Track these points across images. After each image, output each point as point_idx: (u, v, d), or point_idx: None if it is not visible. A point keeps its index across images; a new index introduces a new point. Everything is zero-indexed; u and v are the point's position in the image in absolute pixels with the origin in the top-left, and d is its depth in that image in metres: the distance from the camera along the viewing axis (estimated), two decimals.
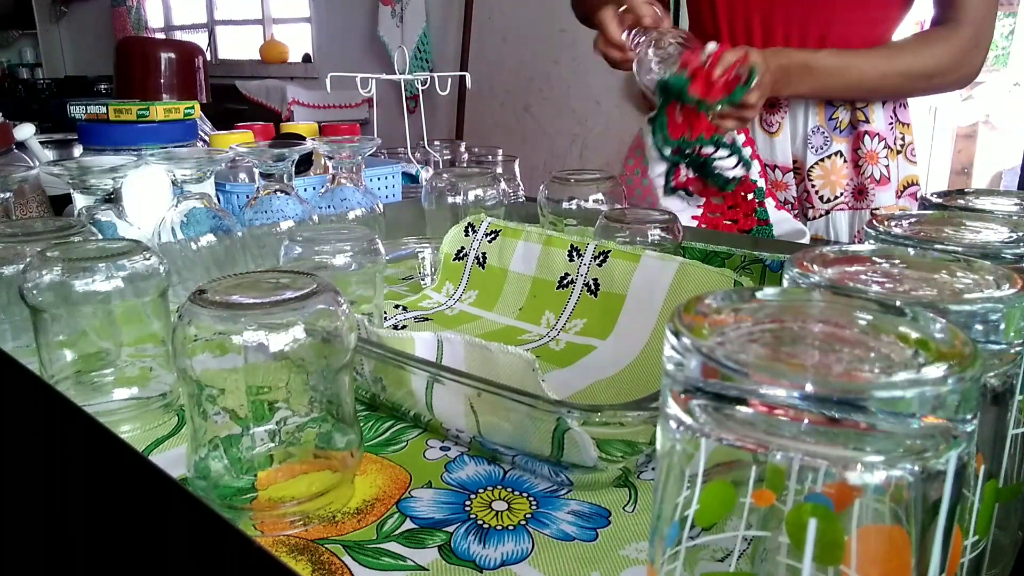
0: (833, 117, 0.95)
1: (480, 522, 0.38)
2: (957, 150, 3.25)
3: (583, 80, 2.79)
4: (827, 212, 0.96)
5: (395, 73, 1.17)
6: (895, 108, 0.97)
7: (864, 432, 0.17)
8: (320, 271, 0.53)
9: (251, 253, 0.72)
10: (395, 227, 0.86)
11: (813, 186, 0.96)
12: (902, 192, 0.98)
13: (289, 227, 0.73)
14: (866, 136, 0.95)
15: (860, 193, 0.96)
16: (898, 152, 0.98)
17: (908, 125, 1.00)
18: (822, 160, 0.96)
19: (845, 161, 0.96)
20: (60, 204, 0.90)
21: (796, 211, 0.98)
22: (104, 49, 4.23)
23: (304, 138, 1.08)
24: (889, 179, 0.97)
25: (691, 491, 0.20)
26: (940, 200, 0.40)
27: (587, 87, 2.78)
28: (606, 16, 0.90)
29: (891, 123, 0.97)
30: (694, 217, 0.89)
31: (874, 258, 0.29)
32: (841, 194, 0.96)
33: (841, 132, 0.96)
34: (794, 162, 0.97)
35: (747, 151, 0.88)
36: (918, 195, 0.99)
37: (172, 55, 1.66)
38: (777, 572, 0.20)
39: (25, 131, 1.04)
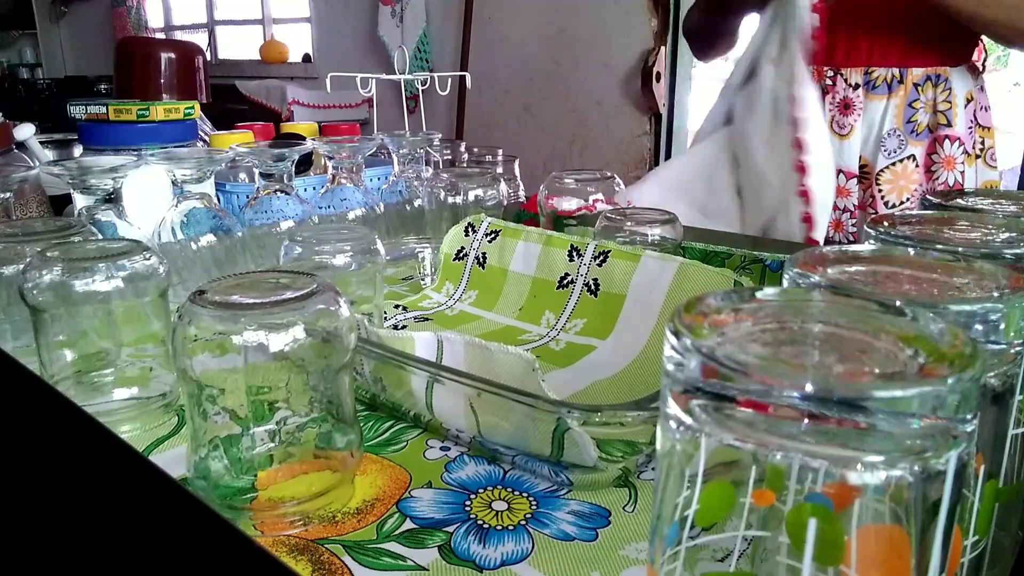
0: (912, 120, 0.92)
1: (480, 522, 0.38)
2: None
3: (583, 80, 2.79)
4: None
5: (395, 73, 1.17)
6: (976, 111, 0.95)
7: (864, 432, 0.17)
8: (320, 271, 0.53)
9: (251, 253, 0.72)
10: (395, 227, 0.86)
11: (880, 191, 0.93)
12: None
13: (289, 227, 0.73)
14: (946, 140, 0.92)
15: None
16: (977, 157, 0.95)
17: (989, 129, 0.97)
18: (893, 164, 0.93)
19: (917, 166, 0.93)
20: (60, 204, 0.90)
21: (853, 220, 0.95)
22: (104, 49, 4.23)
23: (304, 138, 1.08)
24: (963, 186, 0.94)
25: (691, 491, 0.20)
26: (940, 200, 0.40)
27: (587, 87, 2.78)
28: None
29: (971, 127, 0.94)
30: None
31: (874, 258, 0.29)
32: (908, 199, 0.93)
33: (918, 136, 0.93)
34: (862, 166, 0.94)
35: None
36: None
37: (172, 55, 1.66)
38: (777, 572, 0.20)
39: (25, 131, 1.04)
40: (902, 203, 0.94)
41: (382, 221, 0.84)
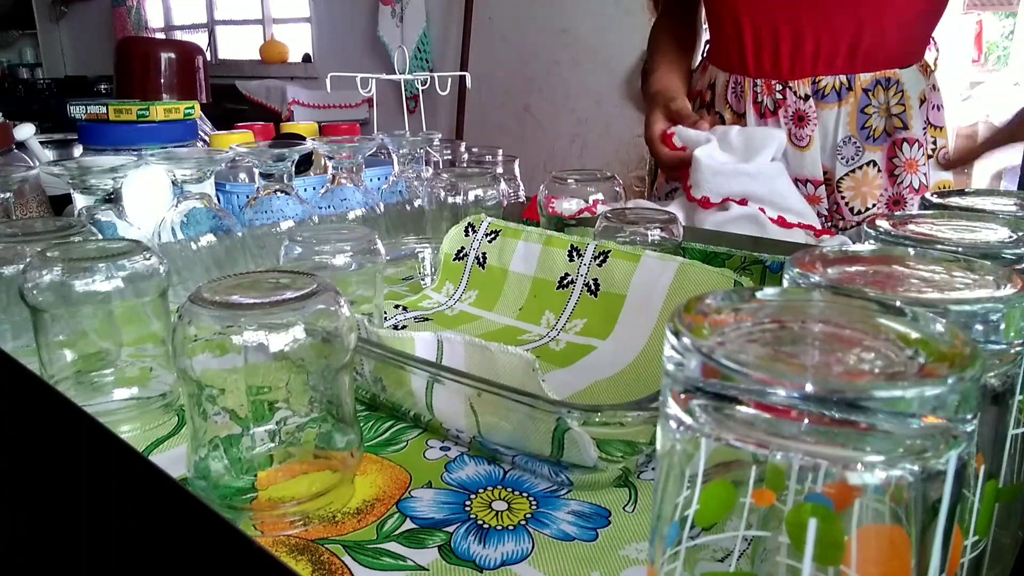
0: (866, 126, 0.92)
1: (480, 522, 0.38)
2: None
3: (583, 80, 2.79)
4: (858, 224, 0.94)
5: (395, 73, 1.17)
6: (928, 111, 0.95)
7: (864, 432, 0.17)
8: (320, 271, 0.53)
9: (251, 253, 0.72)
10: (395, 227, 0.86)
11: (843, 197, 0.94)
12: None
13: (289, 227, 0.73)
14: (904, 144, 0.92)
15: (896, 204, 0.93)
16: (929, 156, 0.95)
17: (941, 129, 0.96)
18: (853, 171, 0.93)
19: (879, 171, 0.93)
20: (60, 204, 0.90)
21: (829, 223, 0.96)
22: (104, 49, 4.23)
23: (304, 138, 1.08)
24: (928, 187, 0.94)
25: (691, 491, 0.20)
26: (940, 200, 0.40)
27: (587, 87, 2.78)
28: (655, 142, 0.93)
29: (924, 127, 0.94)
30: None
31: (874, 258, 0.29)
32: (874, 205, 0.93)
33: (875, 141, 0.93)
34: (824, 174, 0.94)
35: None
36: None
37: (172, 55, 1.66)
38: (777, 572, 0.20)
39: (25, 131, 1.04)
40: (867, 209, 0.94)
41: (382, 221, 0.84)
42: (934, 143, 0.96)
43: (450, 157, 1.12)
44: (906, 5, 0.90)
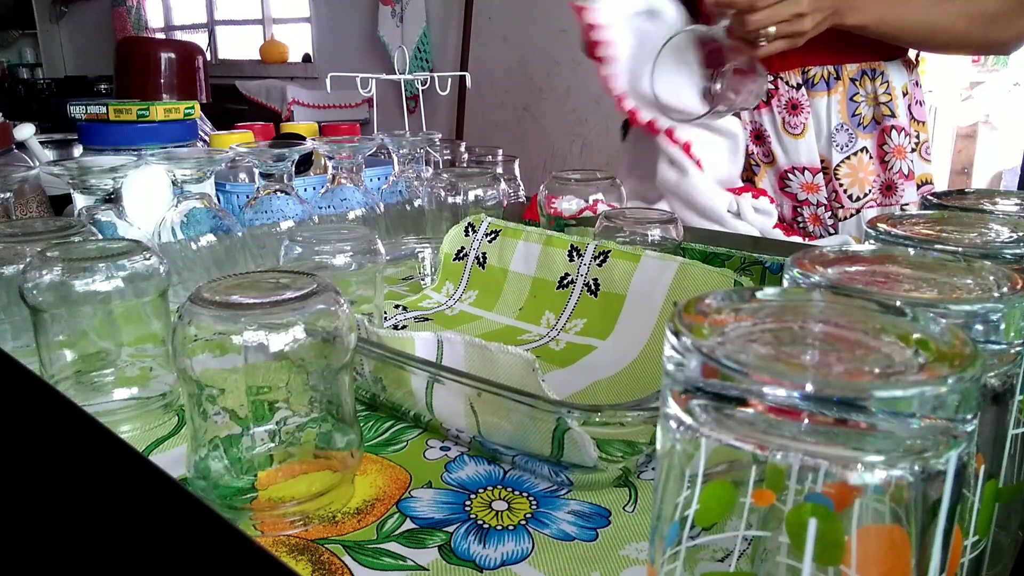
0: (856, 113, 0.95)
1: (480, 522, 0.38)
2: (957, 150, 3.25)
3: (583, 80, 2.79)
4: (857, 211, 0.96)
5: (395, 73, 1.17)
6: (910, 105, 0.97)
7: (864, 432, 0.17)
8: (320, 271, 0.53)
9: (251, 253, 0.72)
10: (395, 227, 0.86)
11: (841, 185, 0.96)
12: (917, 190, 0.98)
13: (289, 227, 0.73)
14: (892, 131, 0.94)
15: (888, 189, 0.96)
16: (913, 150, 0.97)
17: (923, 123, 0.99)
18: (848, 158, 0.95)
19: (871, 157, 0.96)
20: (60, 204, 0.90)
21: (828, 213, 0.97)
22: (104, 49, 4.23)
23: (304, 138, 1.08)
24: (914, 174, 0.96)
25: (691, 491, 0.20)
26: (940, 200, 0.40)
27: (587, 87, 2.78)
28: None
29: (908, 120, 0.97)
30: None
31: (874, 258, 0.29)
32: (869, 191, 0.96)
33: (865, 128, 0.95)
34: (821, 162, 0.97)
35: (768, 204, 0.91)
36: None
37: (172, 55, 1.66)
38: (777, 572, 0.20)
39: (25, 131, 1.04)
40: (865, 195, 0.96)
41: (382, 221, 0.84)
42: (917, 137, 0.98)
43: (450, 157, 1.12)
44: None
